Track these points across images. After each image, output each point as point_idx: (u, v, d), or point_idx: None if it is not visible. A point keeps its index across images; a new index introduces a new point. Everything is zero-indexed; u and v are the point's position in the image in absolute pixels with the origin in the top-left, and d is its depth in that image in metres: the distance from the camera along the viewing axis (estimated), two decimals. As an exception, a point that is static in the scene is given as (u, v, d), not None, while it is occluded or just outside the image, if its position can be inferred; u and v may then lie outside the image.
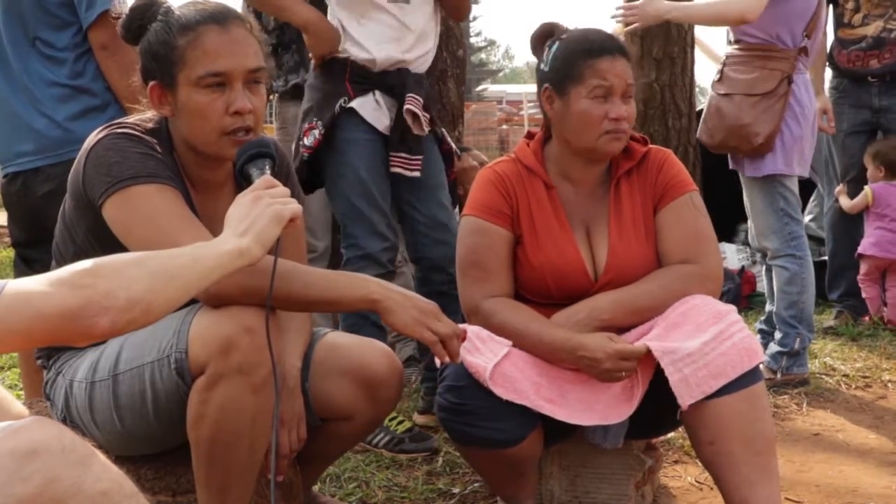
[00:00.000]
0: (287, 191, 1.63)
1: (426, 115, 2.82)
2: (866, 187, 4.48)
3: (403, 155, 2.78)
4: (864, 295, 4.54)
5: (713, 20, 3.48)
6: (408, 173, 2.79)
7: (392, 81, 2.79)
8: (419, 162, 2.80)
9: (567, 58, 2.14)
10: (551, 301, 2.14)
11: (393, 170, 2.79)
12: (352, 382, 1.93)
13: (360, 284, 1.77)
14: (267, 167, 1.73)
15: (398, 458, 2.69)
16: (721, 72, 3.49)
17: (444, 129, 3.05)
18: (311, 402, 1.93)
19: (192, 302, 1.61)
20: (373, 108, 2.79)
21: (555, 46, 2.18)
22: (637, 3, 3.39)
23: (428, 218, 2.87)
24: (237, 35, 1.79)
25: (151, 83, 1.81)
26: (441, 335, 1.75)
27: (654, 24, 3.58)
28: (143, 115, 1.87)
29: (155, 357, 1.70)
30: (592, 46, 2.12)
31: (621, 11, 3.44)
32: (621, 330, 2.07)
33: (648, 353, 1.95)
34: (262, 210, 1.56)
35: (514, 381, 1.98)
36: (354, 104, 2.77)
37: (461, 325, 1.87)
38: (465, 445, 2.10)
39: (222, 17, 1.79)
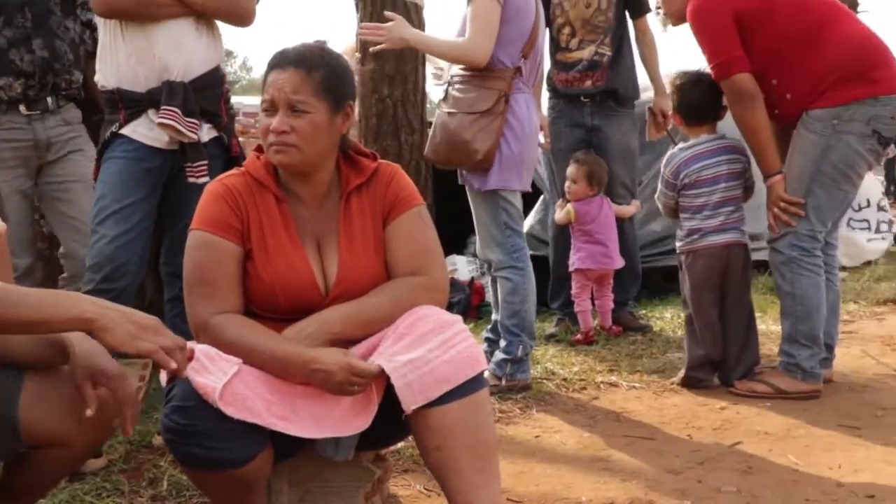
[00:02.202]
0: (-14, 206, 1.51)
1: (192, 122, 2.79)
2: (568, 205, 4.70)
3: (187, 165, 2.85)
4: (577, 309, 4.67)
5: (453, 59, 3.64)
6: (192, 180, 2.86)
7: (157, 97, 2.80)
8: (203, 168, 2.86)
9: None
10: (281, 316, 2.12)
11: (188, 180, 2.85)
12: (67, 405, 1.81)
13: (72, 304, 1.67)
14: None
15: (121, 484, 2.55)
16: (446, 91, 3.65)
17: (233, 135, 3.02)
18: (20, 429, 1.79)
19: None
20: (149, 129, 2.82)
21: None
22: (385, 25, 3.53)
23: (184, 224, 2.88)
24: None
25: None
26: (164, 348, 1.69)
27: (399, 48, 3.70)
28: None
29: None
30: (273, 61, 2.15)
31: (369, 30, 3.54)
32: (352, 342, 2.09)
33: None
34: (-43, 226, 1.43)
35: (244, 400, 1.94)
36: (125, 130, 2.82)
37: (188, 343, 1.81)
38: (193, 468, 2.02)
39: None
